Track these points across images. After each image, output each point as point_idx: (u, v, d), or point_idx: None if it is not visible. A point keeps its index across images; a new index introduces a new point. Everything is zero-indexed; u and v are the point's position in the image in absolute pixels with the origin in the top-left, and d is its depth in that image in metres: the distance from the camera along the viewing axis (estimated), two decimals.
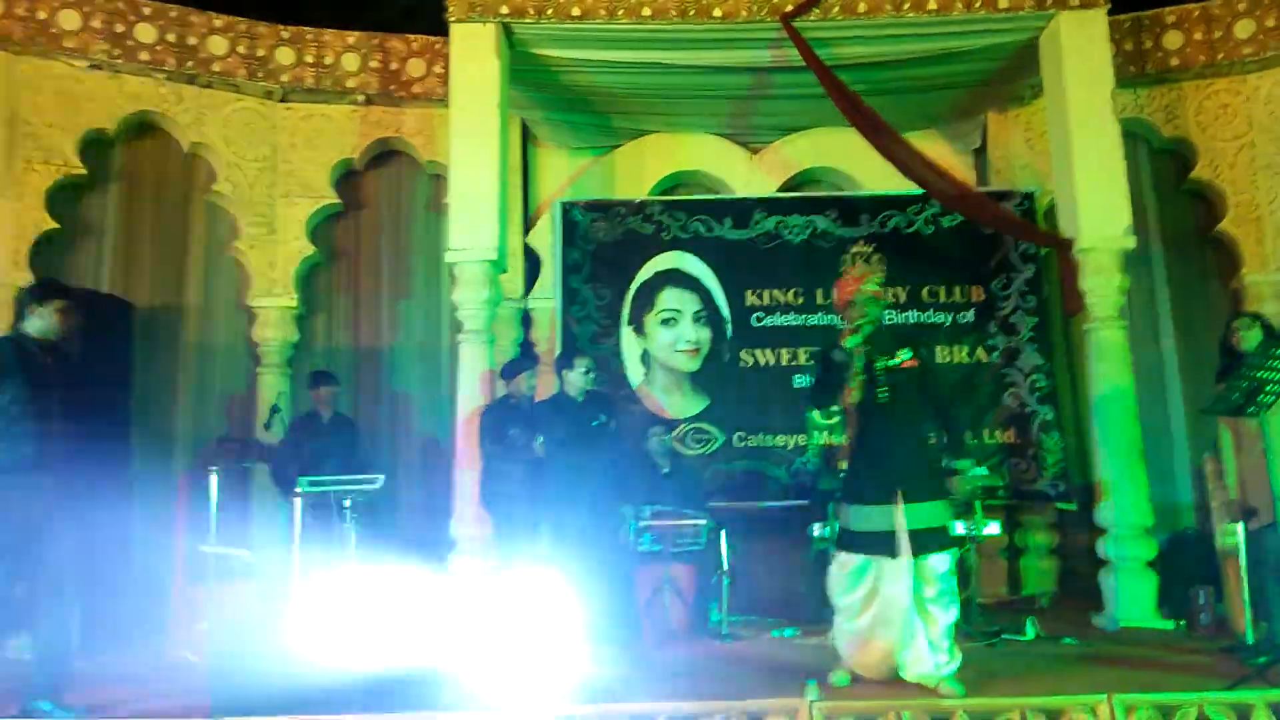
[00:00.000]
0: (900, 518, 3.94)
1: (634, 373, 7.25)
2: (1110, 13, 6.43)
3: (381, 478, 5.29)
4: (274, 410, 5.35)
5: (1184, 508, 6.96)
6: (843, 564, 4.12)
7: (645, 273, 7.35)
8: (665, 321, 7.31)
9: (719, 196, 7.81)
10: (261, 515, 6.89)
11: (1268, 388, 4.10)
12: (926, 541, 3.94)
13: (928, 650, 3.95)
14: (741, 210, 7.44)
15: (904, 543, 3.93)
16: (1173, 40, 7.18)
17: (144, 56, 6.85)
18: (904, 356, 4.08)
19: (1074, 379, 7.25)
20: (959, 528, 5.68)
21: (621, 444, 6.00)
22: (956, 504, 4.85)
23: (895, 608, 3.96)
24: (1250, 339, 4.74)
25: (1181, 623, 5.71)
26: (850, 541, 4.10)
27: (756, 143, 8.05)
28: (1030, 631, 5.37)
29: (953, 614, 4.05)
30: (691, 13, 6.39)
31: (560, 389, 5.73)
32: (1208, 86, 7.22)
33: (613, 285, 7.32)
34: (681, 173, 8.02)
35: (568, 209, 7.43)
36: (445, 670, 4.00)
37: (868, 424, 4.04)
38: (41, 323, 4.05)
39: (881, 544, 3.97)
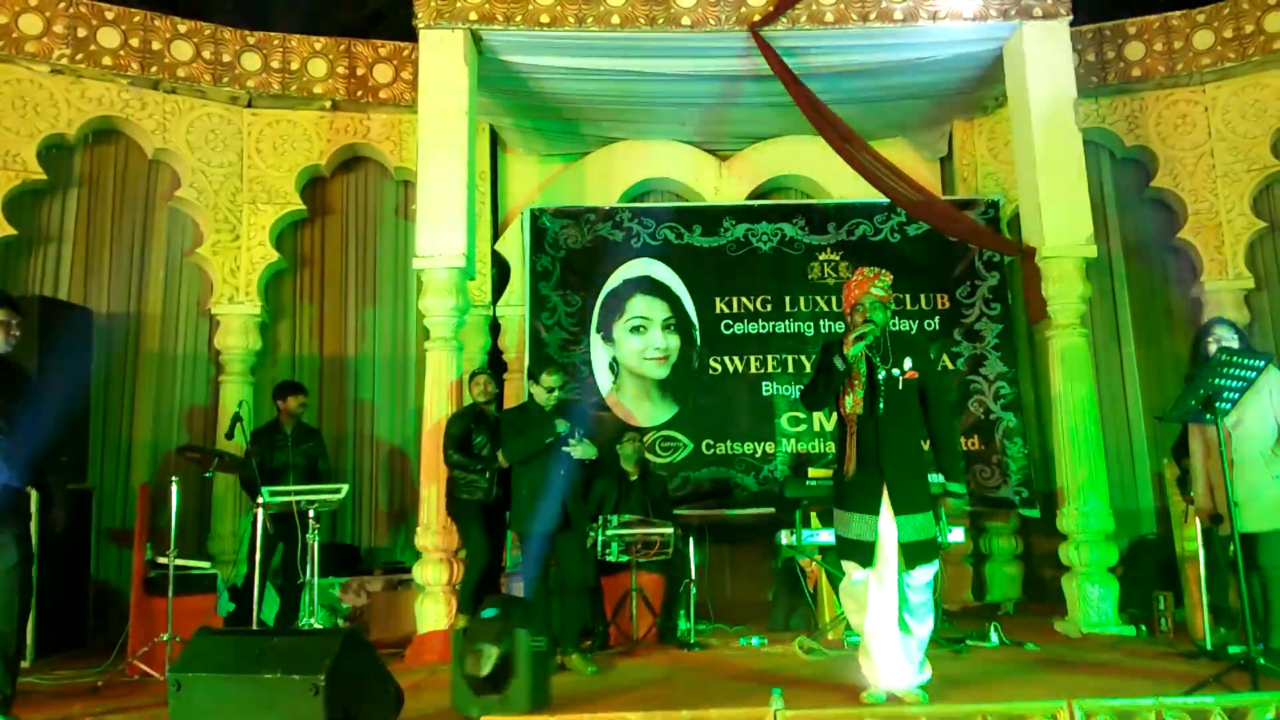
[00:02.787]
0: (890, 529, 3.92)
1: (603, 380, 7.23)
2: (1073, 24, 6.49)
3: (345, 488, 5.24)
4: (235, 419, 5.28)
5: (1145, 513, 7.06)
6: (851, 577, 4.05)
7: (615, 280, 7.35)
8: (635, 329, 7.31)
9: (688, 204, 7.85)
10: (221, 525, 6.83)
11: (1224, 394, 4.15)
12: (915, 554, 3.92)
13: (903, 661, 3.95)
14: (711, 218, 7.46)
15: (892, 554, 3.91)
16: (1134, 51, 7.30)
17: (107, 61, 6.77)
18: (906, 367, 4.03)
19: (1037, 386, 7.33)
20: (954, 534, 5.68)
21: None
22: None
23: (886, 618, 3.95)
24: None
25: (1143, 628, 5.78)
26: (844, 549, 4.05)
27: (725, 150, 8.10)
28: (994, 638, 5.41)
29: (929, 625, 4.05)
30: (660, 21, 6.41)
31: (529, 396, 5.70)
32: (1168, 96, 7.34)
33: (582, 292, 7.31)
34: (651, 180, 8.05)
35: (537, 215, 7.42)
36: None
37: (863, 432, 3.97)
38: None
39: (869, 553, 3.96)
